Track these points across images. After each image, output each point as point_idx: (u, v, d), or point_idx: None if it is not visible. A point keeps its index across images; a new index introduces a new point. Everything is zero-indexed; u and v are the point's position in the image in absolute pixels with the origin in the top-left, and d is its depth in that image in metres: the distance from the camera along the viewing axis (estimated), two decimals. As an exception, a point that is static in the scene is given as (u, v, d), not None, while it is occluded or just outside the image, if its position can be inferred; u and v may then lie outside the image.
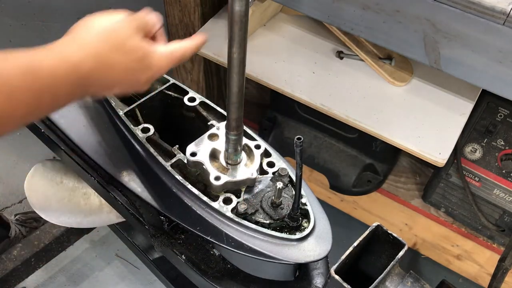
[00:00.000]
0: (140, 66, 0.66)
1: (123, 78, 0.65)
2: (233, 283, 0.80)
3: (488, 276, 1.54)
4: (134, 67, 0.65)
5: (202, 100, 0.89)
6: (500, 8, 0.84)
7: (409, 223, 1.70)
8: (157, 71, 0.68)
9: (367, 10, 1.00)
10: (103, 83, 0.63)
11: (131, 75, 0.66)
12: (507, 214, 1.46)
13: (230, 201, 0.76)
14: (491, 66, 0.93)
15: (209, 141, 0.79)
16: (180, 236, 0.84)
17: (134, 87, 0.68)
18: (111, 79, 0.64)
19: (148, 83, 0.68)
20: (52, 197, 1.10)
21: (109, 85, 0.65)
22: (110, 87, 0.65)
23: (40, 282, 1.70)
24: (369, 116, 1.23)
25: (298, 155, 0.63)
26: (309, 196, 0.79)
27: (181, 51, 0.71)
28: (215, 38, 1.37)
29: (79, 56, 0.60)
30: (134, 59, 0.65)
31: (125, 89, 0.67)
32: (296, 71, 1.33)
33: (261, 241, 0.73)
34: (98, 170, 0.89)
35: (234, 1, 0.57)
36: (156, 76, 0.69)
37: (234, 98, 0.67)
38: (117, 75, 0.64)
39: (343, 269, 0.68)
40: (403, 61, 1.34)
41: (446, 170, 1.48)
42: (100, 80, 0.63)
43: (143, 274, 1.72)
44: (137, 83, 0.67)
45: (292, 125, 1.70)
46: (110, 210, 1.09)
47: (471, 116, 1.29)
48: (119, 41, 0.64)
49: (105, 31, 0.64)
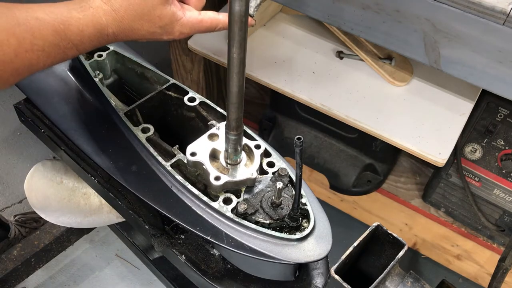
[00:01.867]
0: (162, 31, 0.74)
1: (145, 38, 0.74)
2: (233, 283, 0.80)
3: (488, 276, 1.54)
4: (156, 31, 0.74)
5: (202, 100, 0.89)
6: (500, 8, 0.84)
7: (409, 223, 1.70)
8: (179, 36, 0.76)
9: (367, 10, 1.00)
10: (126, 39, 0.73)
11: (153, 36, 0.74)
12: (507, 214, 1.46)
13: (230, 201, 0.76)
14: (491, 66, 0.93)
15: (209, 141, 0.80)
16: (180, 236, 0.84)
17: (157, 40, 0.76)
18: (134, 38, 0.73)
19: (171, 39, 0.76)
20: (52, 197, 1.10)
21: (132, 39, 0.74)
22: (133, 40, 0.75)
23: (40, 282, 1.70)
24: (369, 116, 1.23)
25: (298, 155, 0.63)
26: (309, 196, 0.79)
27: (210, 22, 0.78)
28: (215, 38, 1.37)
29: (105, 20, 0.68)
30: (158, 26, 0.73)
31: (148, 40, 0.76)
32: (296, 71, 1.33)
33: (261, 241, 0.73)
34: (98, 170, 0.89)
35: (234, 1, 0.57)
36: (179, 38, 0.77)
37: (234, 98, 0.67)
38: (140, 37, 0.73)
39: (343, 269, 0.68)
40: (403, 61, 1.34)
41: (446, 170, 1.48)
42: (123, 38, 0.72)
43: (143, 274, 1.72)
44: (160, 40, 0.76)
45: (292, 125, 1.70)
46: (110, 210, 1.09)
47: (471, 116, 1.29)
48: (145, 10, 0.71)
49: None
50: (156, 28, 0.73)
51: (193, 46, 1.37)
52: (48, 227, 1.54)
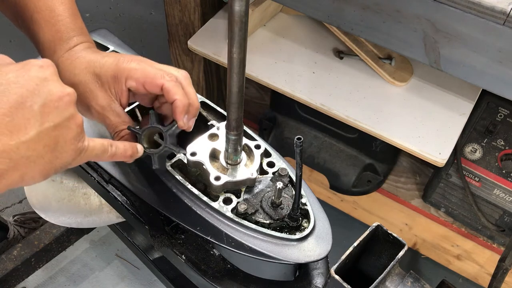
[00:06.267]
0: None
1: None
2: (233, 283, 0.80)
3: (488, 276, 1.54)
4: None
5: (202, 100, 0.89)
6: (500, 8, 0.84)
7: (409, 223, 1.70)
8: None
9: (367, 10, 1.00)
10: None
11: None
12: (507, 214, 1.46)
13: (230, 201, 0.76)
14: (491, 66, 0.93)
15: (209, 141, 0.79)
16: (180, 236, 0.84)
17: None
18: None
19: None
20: (52, 197, 1.10)
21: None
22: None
23: (40, 282, 1.70)
24: (369, 116, 1.23)
25: (298, 155, 0.63)
26: (309, 196, 0.79)
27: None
28: (215, 38, 1.37)
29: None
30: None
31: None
32: (296, 71, 1.33)
33: (261, 241, 0.73)
34: (98, 170, 0.89)
35: (234, 1, 0.56)
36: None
37: (234, 98, 0.67)
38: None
39: (343, 269, 0.68)
40: (403, 61, 1.34)
41: (446, 170, 1.48)
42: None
43: (143, 274, 1.72)
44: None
45: (292, 125, 1.70)
46: (110, 210, 1.09)
47: (471, 116, 1.29)
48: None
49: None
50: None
51: (193, 46, 1.37)
52: (48, 227, 1.54)
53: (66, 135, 0.54)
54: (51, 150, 0.52)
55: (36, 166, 0.52)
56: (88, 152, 0.59)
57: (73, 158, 0.56)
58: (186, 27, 1.47)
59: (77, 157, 0.57)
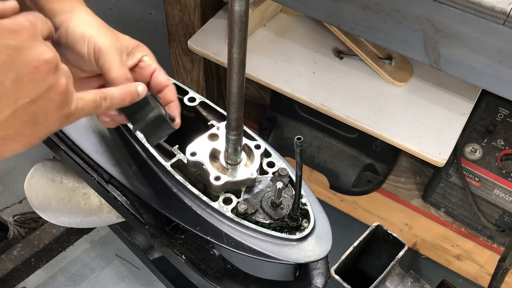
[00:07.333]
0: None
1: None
2: (233, 283, 0.80)
3: (488, 276, 1.54)
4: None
5: (202, 100, 0.89)
6: (500, 8, 0.84)
7: (409, 223, 1.70)
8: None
9: (367, 10, 1.00)
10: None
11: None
12: (507, 214, 1.46)
13: (230, 201, 0.76)
14: (491, 66, 0.93)
15: (209, 141, 0.79)
16: (180, 236, 0.84)
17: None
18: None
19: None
20: (52, 197, 1.10)
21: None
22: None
23: (40, 282, 1.70)
24: (369, 116, 1.23)
25: (298, 155, 0.63)
26: (309, 196, 0.79)
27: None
28: (215, 38, 1.37)
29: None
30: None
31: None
32: (296, 71, 1.33)
33: (261, 241, 0.73)
34: (98, 170, 0.89)
35: (234, 1, 0.56)
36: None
37: (234, 98, 0.67)
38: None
39: (343, 269, 0.68)
40: (403, 61, 1.34)
41: (446, 170, 1.48)
42: None
43: (143, 274, 1.72)
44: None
45: (292, 125, 1.70)
46: (110, 210, 1.09)
47: (471, 116, 1.29)
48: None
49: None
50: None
51: (193, 46, 1.37)
52: (48, 227, 1.54)
53: (46, 106, 0.49)
54: (30, 125, 0.48)
55: (15, 142, 0.49)
56: (76, 114, 0.53)
57: (59, 125, 0.52)
58: (186, 27, 1.47)
59: (64, 122, 0.52)
